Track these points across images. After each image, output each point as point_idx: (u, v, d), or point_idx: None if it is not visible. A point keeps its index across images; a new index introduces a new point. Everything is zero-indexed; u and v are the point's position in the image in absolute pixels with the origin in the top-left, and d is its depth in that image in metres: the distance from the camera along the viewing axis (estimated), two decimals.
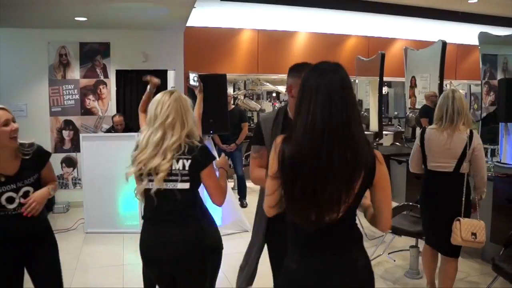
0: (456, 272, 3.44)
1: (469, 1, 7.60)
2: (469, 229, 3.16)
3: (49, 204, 6.69)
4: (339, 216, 1.60)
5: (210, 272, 2.51)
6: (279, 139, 1.66)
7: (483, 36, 6.18)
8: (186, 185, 2.23)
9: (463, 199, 3.25)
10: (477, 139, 3.23)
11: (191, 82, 3.70)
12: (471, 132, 3.22)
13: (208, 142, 5.53)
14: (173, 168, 2.20)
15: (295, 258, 1.72)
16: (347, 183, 1.56)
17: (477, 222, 3.20)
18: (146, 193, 2.26)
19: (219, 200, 2.35)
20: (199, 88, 3.65)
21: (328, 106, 1.53)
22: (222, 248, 3.04)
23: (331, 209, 1.58)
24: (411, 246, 4.20)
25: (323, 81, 1.57)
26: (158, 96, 2.30)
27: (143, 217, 2.39)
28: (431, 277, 3.71)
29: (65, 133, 7.09)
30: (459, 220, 3.18)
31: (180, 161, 2.21)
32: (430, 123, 3.58)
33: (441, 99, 3.33)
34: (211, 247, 2.50)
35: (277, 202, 1.70)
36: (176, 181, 2.21)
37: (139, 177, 2.24)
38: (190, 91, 3.69)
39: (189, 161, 2.20)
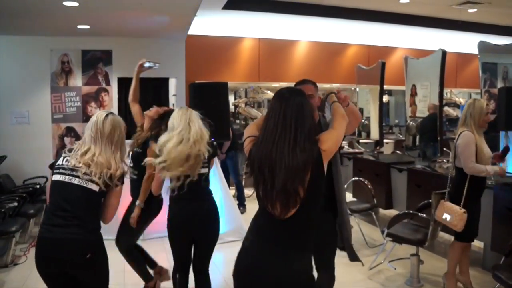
0: (455, 254, 3.82)
1: (468, 10, 7.64)
2: (444, 211, 3.65)
3: None
4: (295, 211, 1.89)
5: None
6: (248, 141, 2.08)
7: (482, 45, 6.21)
8: (206, 170, 3.12)
9: (449, 188, 3.76)
10: (459, 138, 3.64)
11: (146, 64, 4.00)
12: (460, 133, 3.66)
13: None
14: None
15: (249, 237, 2.05)
16: (299, 174, 1.86)
17: (455, 209, 3.58)
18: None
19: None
20: (139, 70, 4.02)
21: (281, 119, 1.91)
22: None
23: (290, 200, 1.87)
24: (412, 254, 4.19)
25: (282, 103, 1.95)
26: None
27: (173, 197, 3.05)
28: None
29: (67, 140, 7.11)
30: (440, 201, 3.73)
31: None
32: None
33: None
34: None
35: None
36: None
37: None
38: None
39: (207, 153, 3.00)
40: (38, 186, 6.26)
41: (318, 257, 2.82)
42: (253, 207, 2.51)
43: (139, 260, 3.89)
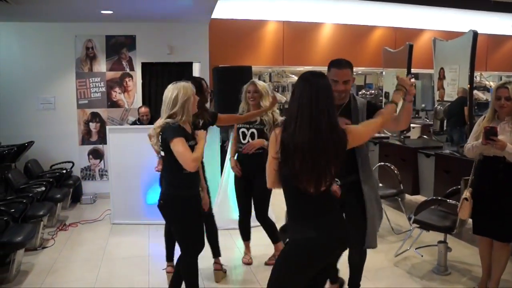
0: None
1: None
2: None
3: (77, 195, 6.81)
4: (326, 186, 2.11)
5: None
6: (277, 130, 2.15)
7: None
8: None
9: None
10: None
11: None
12: None
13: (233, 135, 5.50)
14: None
15: (312, 226, 2.13)
16: (335, 157, 2.07)
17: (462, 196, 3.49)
18: None
19: None
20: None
21: (314, 103, 2.03)
22: None
23: (326, 179, 2.07)
24: (439, 242, 4.10)
25: (309, 87, 2.08)
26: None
27: None
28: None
29: (92, 125, 7.17)
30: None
31: None
32: None
33: None
34: None
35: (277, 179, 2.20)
36: None
37: None
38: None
39: None
40: (64, 171, 6.35)
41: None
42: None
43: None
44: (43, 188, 5.39)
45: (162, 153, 3.00)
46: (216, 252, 4.00)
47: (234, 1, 7.69)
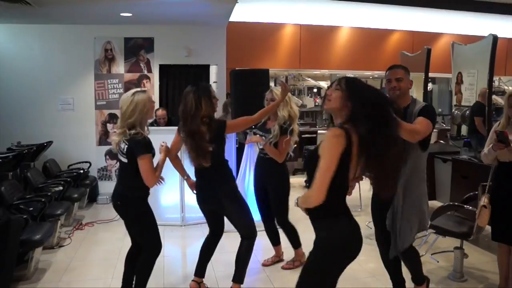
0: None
1: None
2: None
3: (93, 195, 6.89)
4: None
5: None
6: (338, 131, 2.08)
7: None
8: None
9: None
10: None
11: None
12: None
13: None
14: None
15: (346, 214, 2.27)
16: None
17: (480, 202, 3.47)
18: None
19: None
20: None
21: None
22: None
23: None
24: (456, 248, 4.06)
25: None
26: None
27: None
28: None
29: (110, 126, 7.26)
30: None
31: None
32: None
33: None
34: None
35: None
36: None
37: None
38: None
39: None
40: (81, 171, 6.43)
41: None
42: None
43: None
44: (61, 188, 5.47)
45: (122, 158, 3.12)
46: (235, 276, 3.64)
47: (251, 5, 7.70)
